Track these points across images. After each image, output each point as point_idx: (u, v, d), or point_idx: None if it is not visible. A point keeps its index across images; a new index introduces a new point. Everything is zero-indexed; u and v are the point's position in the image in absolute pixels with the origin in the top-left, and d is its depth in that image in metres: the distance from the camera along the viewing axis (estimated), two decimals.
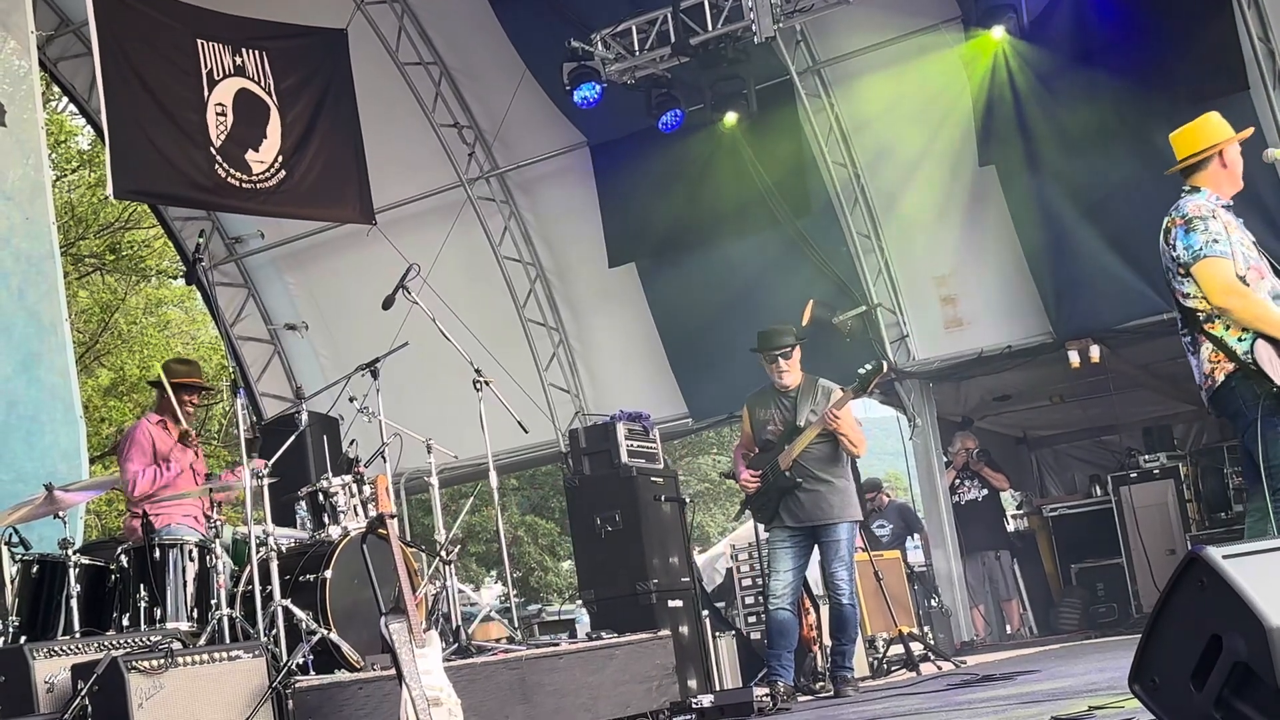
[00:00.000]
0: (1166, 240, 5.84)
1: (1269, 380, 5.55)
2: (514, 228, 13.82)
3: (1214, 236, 5.71)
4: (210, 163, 10.85)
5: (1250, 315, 5.61)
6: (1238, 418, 5.73)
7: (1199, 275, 5.68)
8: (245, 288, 14.93)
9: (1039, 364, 12.44)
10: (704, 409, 13.18)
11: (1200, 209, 5.80)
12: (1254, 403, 5.62)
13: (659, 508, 9.39)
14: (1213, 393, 5.77)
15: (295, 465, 8.77)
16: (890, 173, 12.39)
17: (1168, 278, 5.88)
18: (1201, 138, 6.04)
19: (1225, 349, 5.70)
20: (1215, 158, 6.01)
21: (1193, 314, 5.80)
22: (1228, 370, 5.69)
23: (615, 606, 9.03)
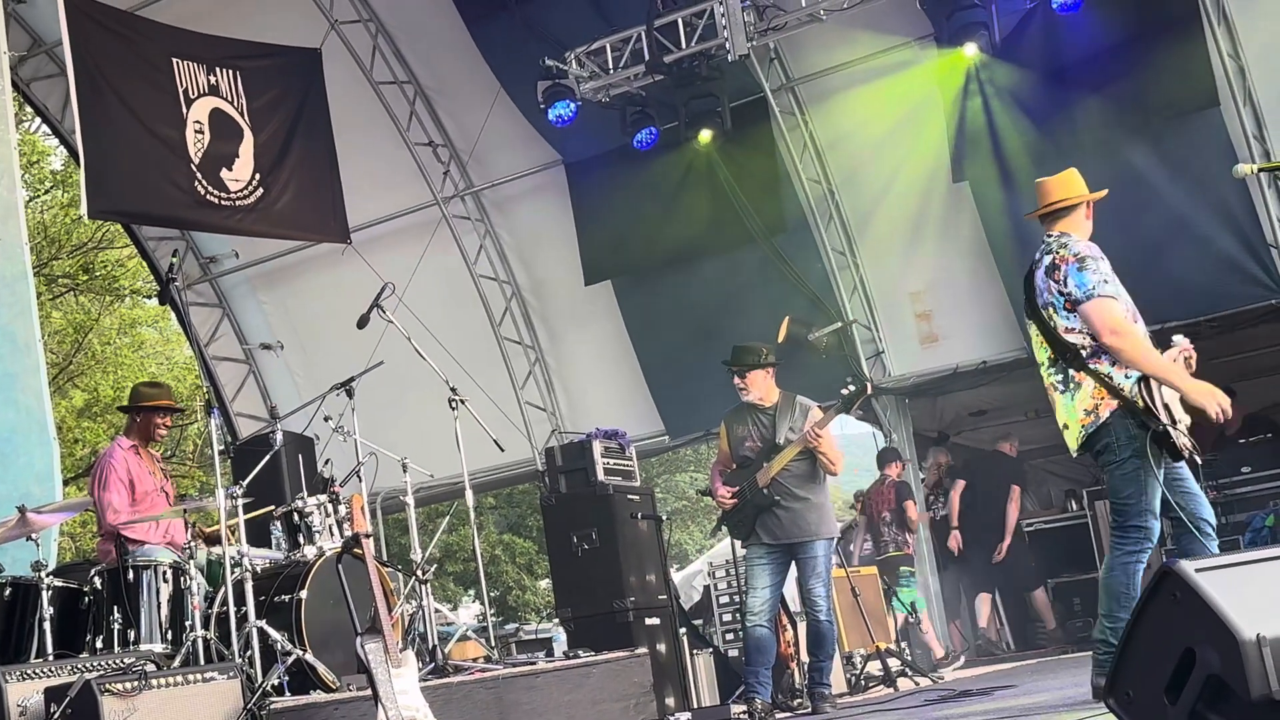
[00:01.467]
0: (1053, 275, 5.94)
1: (1154, 418, 5.68)
2: (489, 246, 13.82)
3: (1104, 277, 5.86)
4: (190, 179, 10.83)
5: (1138, 355, 5.76)
6: (1107, 454, 5.86)
7: (1091, 313, 5.80)
8: (220, 307, 14.89)
9: (1014, 379, 12.47)
10: (680, 426, 13.18)
11: (1091, 249, 5.96)
12: (1128, 442, 5.77)
13: (636, 525, 9.39)
14: (1092, 429, 5.87)
15: (270, 485, 8.73)
16: (864, 189, 12.43)
17: (1046, 312, 5.97)
18: (1069, 187, 6.23)
19: (1110, 386, 5.81)
20: (1083, 207, 6.21)
21: (1074, 350, 5.90)
22: (1112, 407, 5.81)
23: (592, 625, 9.01)
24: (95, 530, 7.87)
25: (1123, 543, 5.88)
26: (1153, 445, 5.71)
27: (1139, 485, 5.77)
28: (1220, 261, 10.87)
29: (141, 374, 21.53)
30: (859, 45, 11.91)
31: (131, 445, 7.86)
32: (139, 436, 7.89)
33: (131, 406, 8.02)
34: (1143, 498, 5.79)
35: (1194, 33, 10.59)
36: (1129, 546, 5.86)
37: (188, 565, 6.98)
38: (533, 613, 28.86)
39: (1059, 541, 13.39)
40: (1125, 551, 5.85)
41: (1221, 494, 11.78)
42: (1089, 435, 5.89)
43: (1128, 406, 5.76)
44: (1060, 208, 6.16)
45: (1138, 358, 5.76)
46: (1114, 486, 5.91)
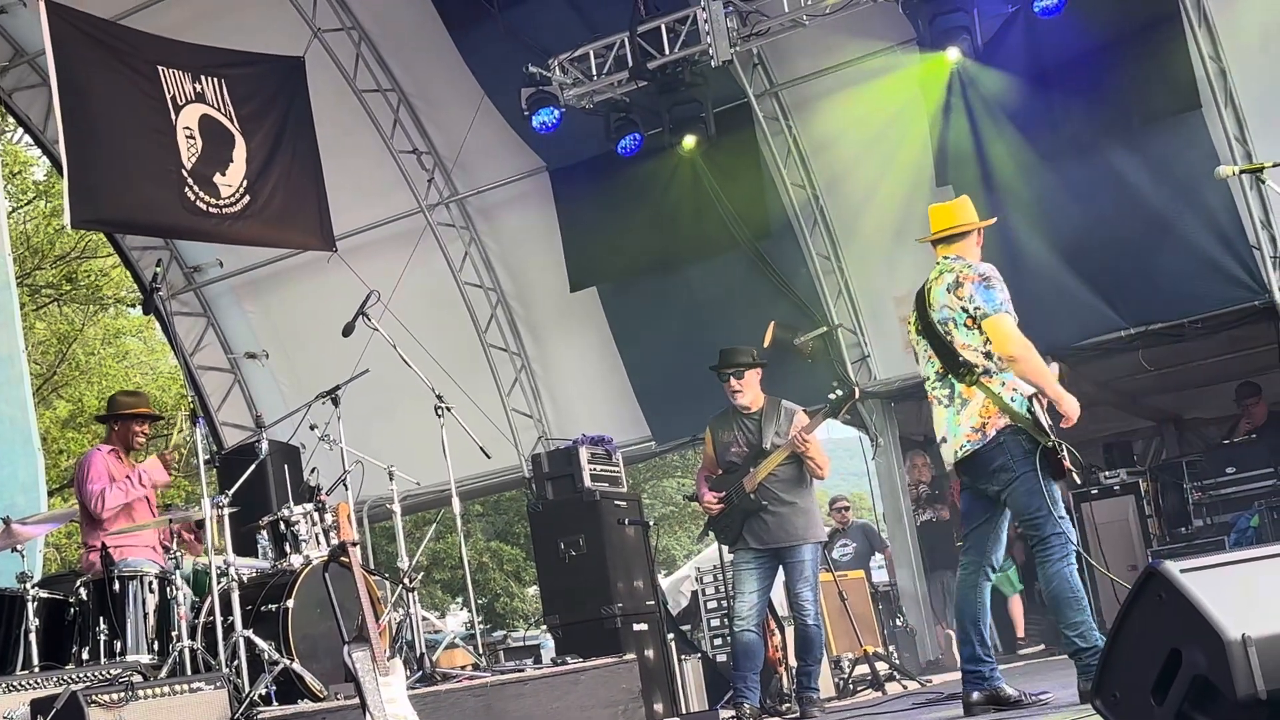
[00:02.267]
0: (955, 292, 6.16)
1: (1045, 434, 5.93)
2: (474, 253, 13.81)
3: (1006, 296, 6.14)
4: (179, 186, 10.75)
5: (1037, 370, 6.04)
6: (1003, 472, 6.06)
7: (994, 328, 6.06)
8: (204, 317, 14.86)
9: None
10: (667, 432, 13.18)
11: (993, 270, 6.22)
12: (1023, 458, 6.00)
13: (623, 531, 9.39)
14: (979, 446, 6.07)
15: (256, 494, 8.72)
16: (849, 194, 12.44)
17: (942, 329, 6.18)
18: (963, 214, 6.49)
19: (1001, 403, 6.04)
20: (974, 234, 6.46)
21: (968, 366, 6.12)
22: (999, 426, 6.03)
23: (580, 631, 9.02)
24: (80, 541, 7.84)
25: (1048, 553, 6.06)
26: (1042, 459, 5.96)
27: (1041, 497, 5.98)
28: (1203, 263, 10.91)
29: (126, 384, 21.47)
30: (842, 50, 11.93)
31: (111, 450, 7.84)
32: (119, 445, 7.88)
33: (109, 415, 8.01)
34: (1055, 506, 6.00)
35: (1175, 35, 10.63)
36: (1055, 554, 6.04)
37: (174, 575, 6.98)
38: (520, 620, 28.83)
39: None
40: (1054, 560, 6.03)
41: (1207, 495, 11.82)
42: (975, 452, 6.10)
43: (1016, 424, 6.00)
44: (954, 233, 6.40)
45: (1034, 371, 6.03)
46: (1018, 505, 6.11)
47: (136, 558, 7.40)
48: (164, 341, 23.71)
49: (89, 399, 22.33)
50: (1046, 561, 6.05)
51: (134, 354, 24.88)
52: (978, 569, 6.34)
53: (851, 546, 13.42)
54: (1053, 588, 6.04)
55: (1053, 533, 6.00)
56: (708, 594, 11.72)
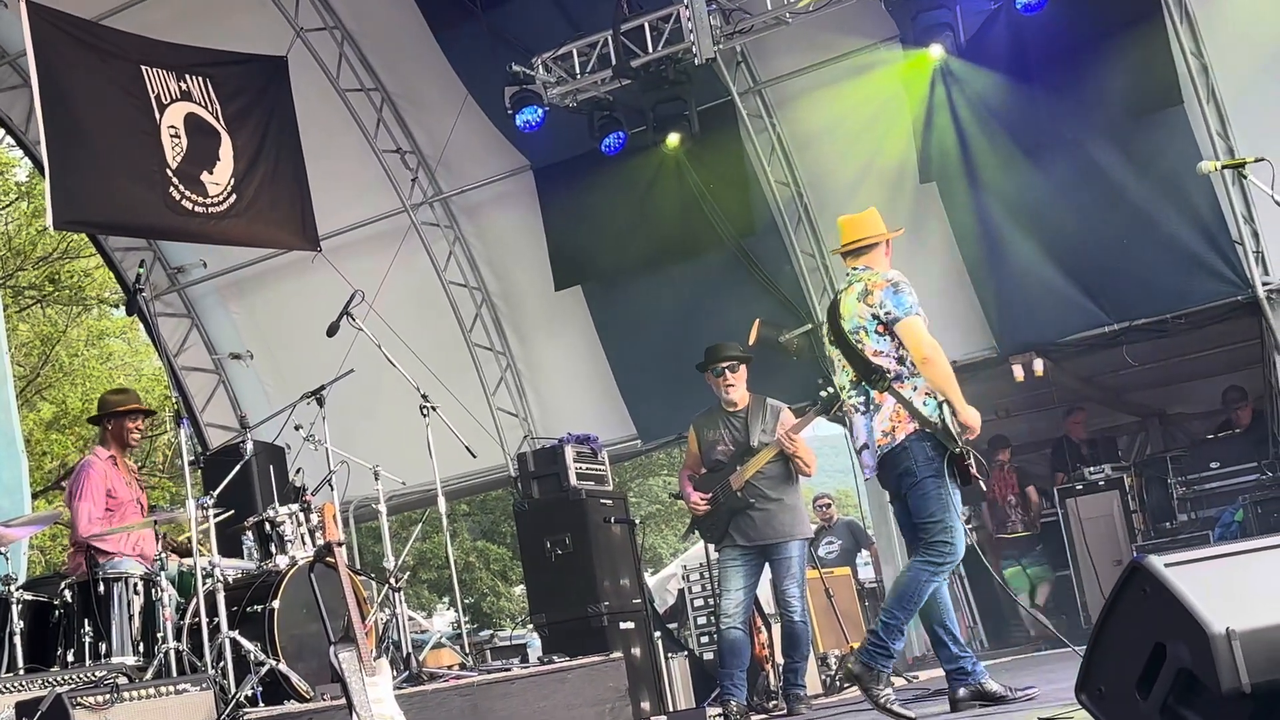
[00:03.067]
0: (865, 300, 6.31)
1: (953, 440, 6.06)
2: (459, 252, 13.80)
3: (917, 301, 6.28)
4: (164, 186, 10.70)
5: (946, 374, 6.19)
6: (907, 475, 6.21)
7: (907, 331, 6.20)
8: (188, 318, 14.82)
9: (983, 378, 12.50)
10: (652, 430, 13.17)
11: (901, 276, 6.36)
12: (926, 463, 6.13)
13: (609, 530, 9.39)
14: (887, 450, 6.22)
15: (241, 495, 8.70)
16: (833, 191, 12.44)
17: (854, 337, 6.33)
18: (871, 225, 6.67)
19: (911, 409, 6.17)
20: (883, 245, 6.61)
21: (880, 372, 6.26)
22: (908, 430, 6.17)
23: (567, 630, 9.02)
24: (65, 543, 7.82)
25: (929, 555, 6.21)
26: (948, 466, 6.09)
27: (941, 503, 6.14)
28: (1186, 258, 10.95)
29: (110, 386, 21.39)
30: (825, 47, 11.93)
31: (109, 456, 7.82)
32: (115, 445, 7.86)
33: (102, 415, 7.98)
34: (946, 514, 6.14)
35: (1157, 31, 10.66)
36: (934, 559, 6.20)
37: (159, 577, 6.96)
38: (507, 619, 28.83)
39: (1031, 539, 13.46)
40: (929, 562, 6.20)
41: (1191, 490, 11.86)
42: (884, 456, 6.24)
43: (925, 429, 6.12)
44: (863, 245, 6.56)
45: (942, 376, 6.17)
46: (916, 506, 6.24)
47: (121, 559, 7.38)
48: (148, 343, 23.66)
49: (73, 401, 22.28)
50: (923, 560, 6.21)
51: (118, 355, 24.81)
52: None
53: (837, 544, 13.43)
54: (905, 578, 6.23)
55: (940, 540, 6.15)
56: (694, 592, 11.74)
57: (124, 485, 7.75)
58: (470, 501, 27.03)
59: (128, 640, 6.85)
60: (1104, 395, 14.33)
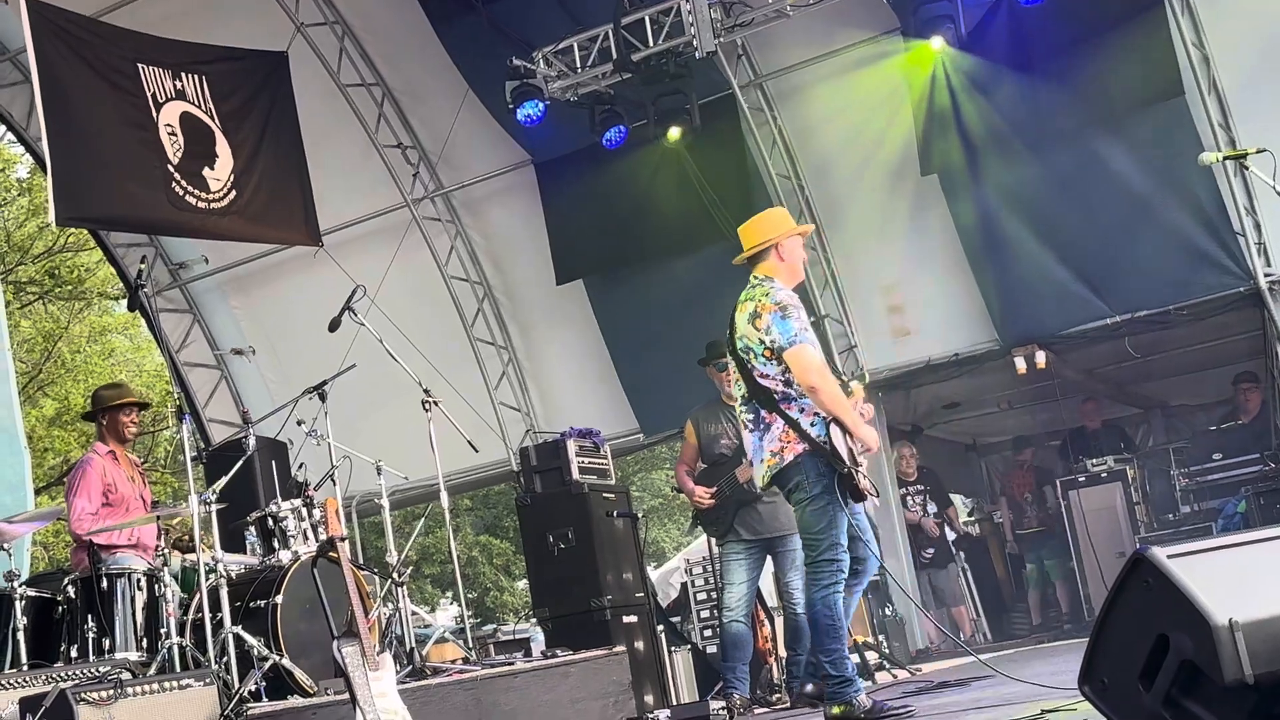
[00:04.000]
0: (754, 323, 6.29)
1: (840, 461, 6.07)
2: (460, 247, 13.80)
3: (804, 325, 6.25)
4: (166, 181, 10.71)
5: (834, 399, 6.16)
6: (798, 491, 6.23)
7: (794, 359, 6.17)
8: (190, 313, 14.82)
9: (986, 371, 12.52)
10: (655, 424, 13.17)
11: (791, 299, 6.32)
12: (817, 479, 6.15)
13: (612, 524, 9.39)
14: (778, 469, 6.23)
15: (244, 490, 8.71)
16: (834, 183, 12.45)
17: (744, 357, 6.33)
18: (760, 231, 6.54)
19: (799, 430, 6.18)
20: (773, 250, 6.49)
21: (768, 394, 6.26)
22: (796, 451, 6.18)
23: (570, 624, 9.03)
24: (68, 539, 7.81)
25: (818, 577, 6.20)
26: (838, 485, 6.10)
27: (829, 520, 6.15)
28: (1188, 250, 10.94)
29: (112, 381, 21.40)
30: (827, 40, 11.93)
31: (109, 451, 7.82)
32: (113, 440, 7.86)
33: (95, 410, 7.98)
34: (832, 531, 6.15)
35: (1158, 22, 10.64)
36: (824, 579, 6.18)
37: (162, 573, 6.97)
38: (510, 613, 28.83)
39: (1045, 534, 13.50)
40: (822, 585, 6.18)
41: (1194, 481, 11.86)
42: (776, 473, 6.25)
43: (814, 450, 6.13)
44: (760, 251, 6.50)
45: (831, 400, 6.14)
46: (805, 522, 6.26)
47: (124, 555, 7.38)
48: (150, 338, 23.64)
49: (75, 397, 22.28)
50: (815, 585, 6.21)
51: (120, 351, 24.81)
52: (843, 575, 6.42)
53: None
54: (815, 612, 6.20)
55: (827, 559, 6.15)
56: (697, 585, 11.73)
57: (125, 480, 7.75)
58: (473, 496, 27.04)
59: (131, 636, 6.85)
60: (1106, 387, 14.33)
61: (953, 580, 13.31)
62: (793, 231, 6.58)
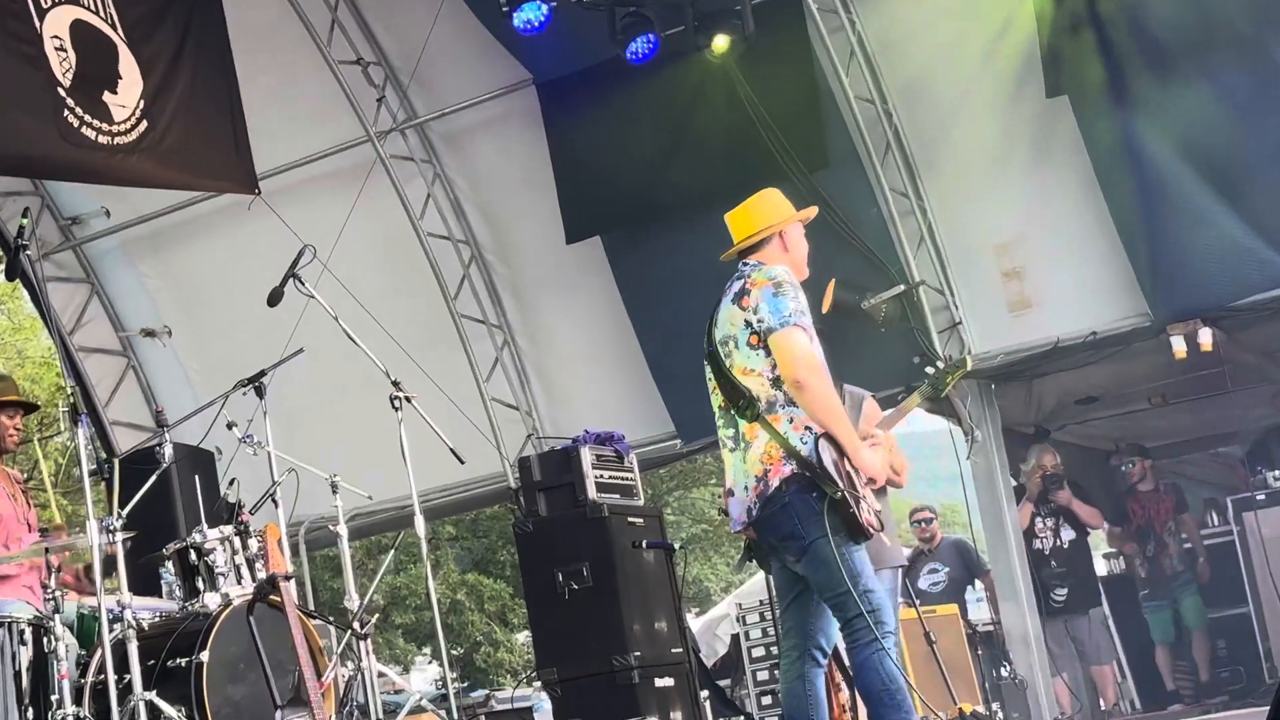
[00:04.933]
0: (740, 303, 6.43)
1: (831, 482, 6.11)
2: (440, 194, 13.82)
3: (803, 309, 6.33)
4: (57, 108, 10.67)
5: (824, 405, 6.22)
6: (791, 539, 6.28)
7: (779, 344, 6.26)
8: (87, 283, 14.89)
9: (1133, 355, 12.48)
10: (696, 426, 13.15)
11: (789, 274, 6.46)
12: (812, 519, 6.17)
13: (640, 557, 9.43)
14: (762, 506, 6.30)
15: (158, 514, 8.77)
16: (932, 109, 12.41)
17: (721, 351, 6.49)
18: (758, 217, 6.73)
19: (786, 446, 6.23)
20: (775, 239, 6.70)
21: (749, 400, 6.34)
22: (783, 474, 6.24)
23: (586, 689, 9.07)
24: None
25: (854, 638, 6.27)
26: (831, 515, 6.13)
27: (846, 568, 6.17)
28: None
29: None
30: None
31: None
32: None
33: None
34: (857, 579, 6.19)
35: None
36: (863, 639, 6.24)
37: (52, 622, 7.00)
38: (507, 675, 28.94)
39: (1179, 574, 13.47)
40: (861, 646, 6.23)
41: None
42: (760, 513, 6.32)
43: (801, 475, 6.18)
44: (751, 244, 6.71)
45: (821, 403, 6.21)
46: (815, 581, 6.34)
47: (5, 598, 7.43)
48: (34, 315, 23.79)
49: None
50: (854, 649, 6.27)
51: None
52: (801, 654, 6.56)
53: (943, 572, 13.44)
54: (862, 681, 6.29)
55: (856, 614, 6.19)
56: (752, 638, 11.75)
57: (4, 499, 7.80)
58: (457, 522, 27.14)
59: (13, 705, 6.89)
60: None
61: (1095, 631, 13.29)
62: (797, 217, 6.77)
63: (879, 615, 6.19)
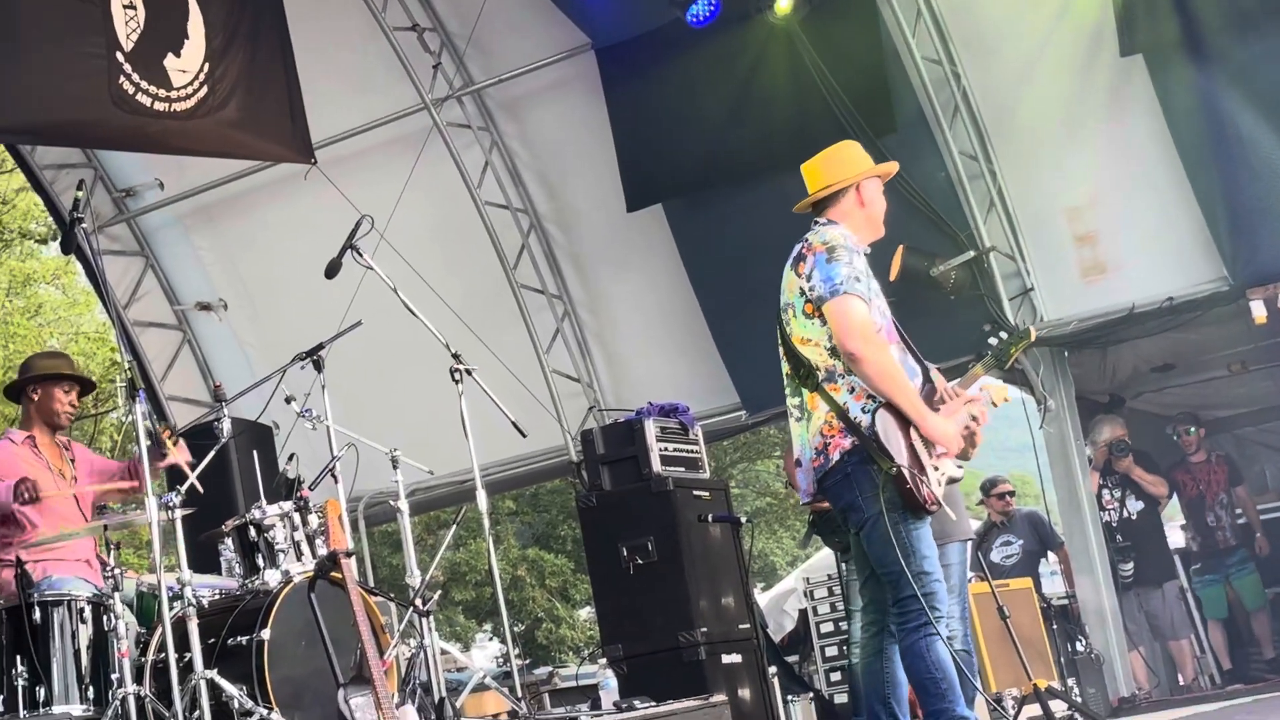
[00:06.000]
0: (796, 269, 6.37)
1: (887, 457, 6.04)
2: (497, 163, 13.83)
3: (856, 274, 6.22)
4: (113, 74, 10.59)
5: (881, 368, 6.14)
6: (851, 511, 6.24)
7: (831, 314, 6.18)
8: (141, 256, 14.97)
9: (1212, 321, 12.38)
10: (761, 397, 13.14)
11: (847, 240, 6.35)
12: (874, 493, 6.11)
13: (706, 531, 9.43)
14: (823, 474, 6.25)
15: (217, 491, 8.82)
16: (1002, 69, 12.33)
17: (784, 316, 6.43)
18: (833, 169, 6.63)
19: (845, 419, 6.18)
20: (850, 193, 6.59)
21: (809, 369, 6.29)
22: (844, 448, 6.19)
23: (651, 666, 9.08)
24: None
25: (904, 620, 6.21)
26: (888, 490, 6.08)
27: (901, 546, 6.11)
28: None
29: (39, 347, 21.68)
30: None
31: (27, 437, 7.93)
32: (40, 423, 7.97)
33: (21, 382, 8.09)
34: (911, 559, 6.13)
35: None
36: (912, 622, 6.18)
37: (112, 599, 7.05)
38: (570, 652, 29.03)
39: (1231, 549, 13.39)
40: (910, 630, 6.19)
41: None
42: (820, 484, 6.30)
43: (863, 449, 6.13)
44: (822, 197, 6.61)
45: (878, 373, 6.12)
46: (874, 556, 6.29)
47: (63, 576, 7.49)
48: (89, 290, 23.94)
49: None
50: (902, 630, 6.23)
51: (49, 307, 25.13)
52: (880, 630, 6.51)
53: (1017, 544, 13.37)
54: (909, 665, 6.24)
55: (909, 594, 6.14)
56: (820, 613, 11.76)
57: (51, 477, 7.84)
58: (518, 496, 27.22)
59: (73, 683, 6.95)
60: None
61: (1172, 604, 13.22)
62: (874, 172, 6.66)
63: (933, 599, 6.15)
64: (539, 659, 27.92)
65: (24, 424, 8.07)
